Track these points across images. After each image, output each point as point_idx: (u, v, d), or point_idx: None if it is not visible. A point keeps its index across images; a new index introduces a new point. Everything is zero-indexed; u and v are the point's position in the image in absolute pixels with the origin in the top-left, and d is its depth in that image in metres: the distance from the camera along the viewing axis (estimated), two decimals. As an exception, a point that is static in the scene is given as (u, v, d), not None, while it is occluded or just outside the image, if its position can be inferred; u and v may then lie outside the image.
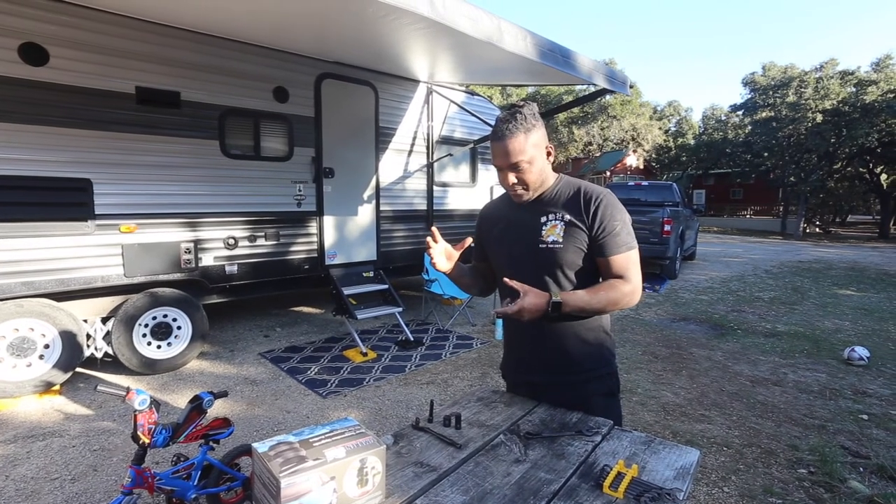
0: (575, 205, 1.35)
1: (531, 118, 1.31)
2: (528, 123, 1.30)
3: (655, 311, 6.14)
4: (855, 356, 4.19)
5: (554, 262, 1.35)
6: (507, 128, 1.29)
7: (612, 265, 1.33)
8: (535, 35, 3.40)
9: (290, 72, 4.32)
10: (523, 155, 1.30)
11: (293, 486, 0.84)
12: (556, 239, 1.34)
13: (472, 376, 3.80)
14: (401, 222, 5.42)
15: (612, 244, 1.31)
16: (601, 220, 1.31)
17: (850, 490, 2.33)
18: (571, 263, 1.35)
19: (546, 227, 1.36)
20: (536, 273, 1.38)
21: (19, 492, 2.25)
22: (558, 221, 1.35)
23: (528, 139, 1.29)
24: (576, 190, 1.38)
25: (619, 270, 1.32)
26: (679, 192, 9.36)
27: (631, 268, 1.33)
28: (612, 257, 1.32)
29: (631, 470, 1.05)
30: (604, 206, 1.32)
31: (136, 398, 1.72)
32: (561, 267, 1.35)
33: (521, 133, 1.29)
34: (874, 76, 20.13)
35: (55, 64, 3.18)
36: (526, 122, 1.29)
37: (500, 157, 1.32)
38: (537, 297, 1.24)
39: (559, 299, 1.24)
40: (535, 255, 1.37)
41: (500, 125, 1.31)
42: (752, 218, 29.65)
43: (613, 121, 29.26)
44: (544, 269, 1.37)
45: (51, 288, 3.26)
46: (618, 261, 1.32)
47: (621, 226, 1.32)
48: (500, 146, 1.30)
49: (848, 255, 13.29)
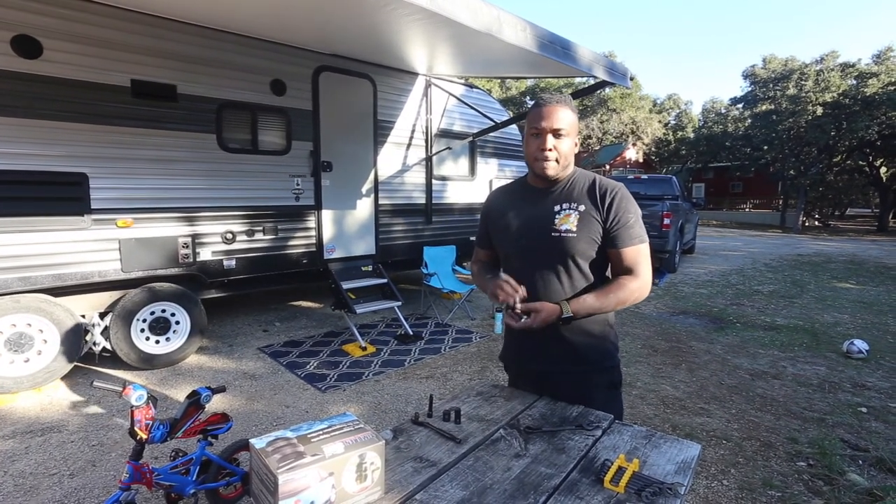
0: (590, 196, 1.36)
1: (573, 105, 1.39)
2: (572, 105, 1.38)
3: (655, 304, 6.14)
4: (854, 349, 4.20)
5: (566, 250, 1.35)
6: (556, 98, 1.35)
7: (624, 257, 1.34)
8: (534, 26, 3.37)
9: (287, 64, 4.28)
10: (565, 124, 1.33)
11: (291, 482, 0.83)
12: (570, 228, 1.34)
13: (472, 370, 3.80)
14: (399, 216, 5.39)
15: (625, 236, 1.33)
16: (616, 211, 1.33)
17: (850, 483, 2.33)
18: (584, 253, 1.35)
19: (560, 216, 1.37)
20: (547, 261, 1.38)
21: (18, 487, 2.25)
22: (573, 211, 1.36)
23: (571, 114, 1.35)
24: (591, 182, 1.40)
25: (630, 263, 1.34)
26: (678, 185, 9.33)
27: (641, 261, 1.35)
28: (623, 249, 1.34)
29: (632, 464, 1.04)
30: (619, 198, 1.35)
31: (133, 394, 1.70)
32: (573, 256, 1.35)
33: (567, 106, 1.35)
34: (875, 68, 20.07)
35: (49, 56, 3.14)
36: (571, 103, 1.37)
37: (545, 119, 1.32)
38: (549, 315, 1.28)
39: (570, 314, 1.29)
40: (548, 242, 1.36)
41: (545, 96, 1.36)
42: (751, 211, 29.63)
43: (613, 114, 29.17)
44: (556, 258, 1.37)
45: (48, 283, 3.24)
46: (629, 253, 1.34)
47: (635, 218, 1.35)
48: (548, 109, 1.32)
49: (847, 249, 13.30)
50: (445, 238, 5.84)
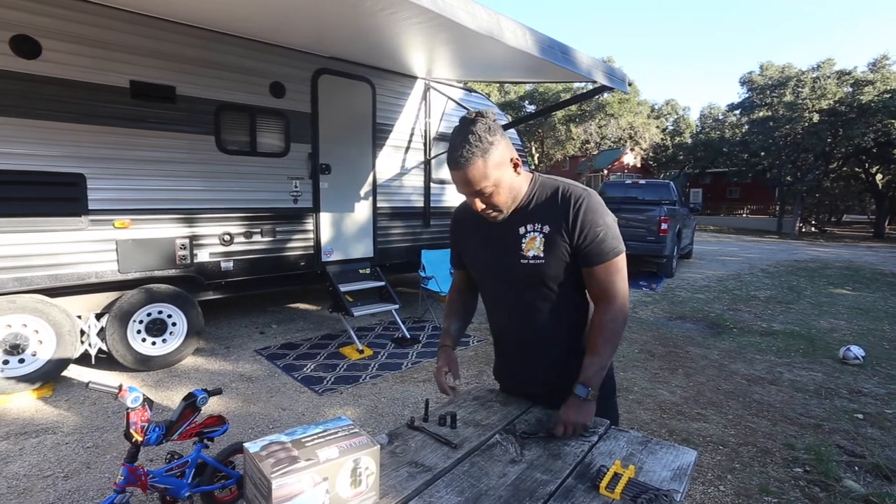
0: (553, 211, 1.26)
1: (486, 136, 1.15)
2: (483, 144, 1.14)
3: (652, 309, 6.15)
4: (850, 355, 4.20)
5: (537, 278, 1.28)
6: (462, 154, 1.15)
7: (597, 276, 1.25)
8: (534, 31, 3.39)
9: (286, 67, 4.29)
10: (486, 181, 1.17)
11: (284, 486, 0.83)
12: (537, 253, 1.26)
13: (469, 374, 3.79)
14: (398, 219, 5.40)
15: (596, 252, 1.23)
16: (582, 227, 1.22)
17: (846, 489, 2.34)
18: (555, 277, 1.28)
19: (525, 240, 1.27)
20: (522, 289, 1.33)
21: (12, 489, 2.23)
22: (537, 234, 1.26)
23: (487, 163, 1.15)
24: (553, 193, 1.27)
25: (604, 282, 1.25)
26: (676, 190, 9.36)
27: (617, 279, 1.25)
28: (596, 268, 1.24)
29: (628, 471, 1.04)
30: (584, 210, 1.22)
31: (129, 395, 1.70)
32: (545, 283, 1.29)
33: (478, 158, 1.14)
34: (871, 76, 20.18)
35: (48, 57, 3.13)
36: (482, 144, 1.14)
37: (462, 186, 1.21)
38: (576, 414, 1.23)
39: (590, 396, 1.24)
40: (518, 269, 1.29)
41: (453, 151, 1.17)
42: (748, 217, 29.75)
43: (611, 119, 29.26)
44: (529, 286, 1.31)
45: (44, 284, 3.23)
46: (603, 271, 1.25)
47: (605, 231, 1.23)
48: (459, 176, 1.18)
49: (843, 255, 13.34)
50: (443, 241, 5.83)
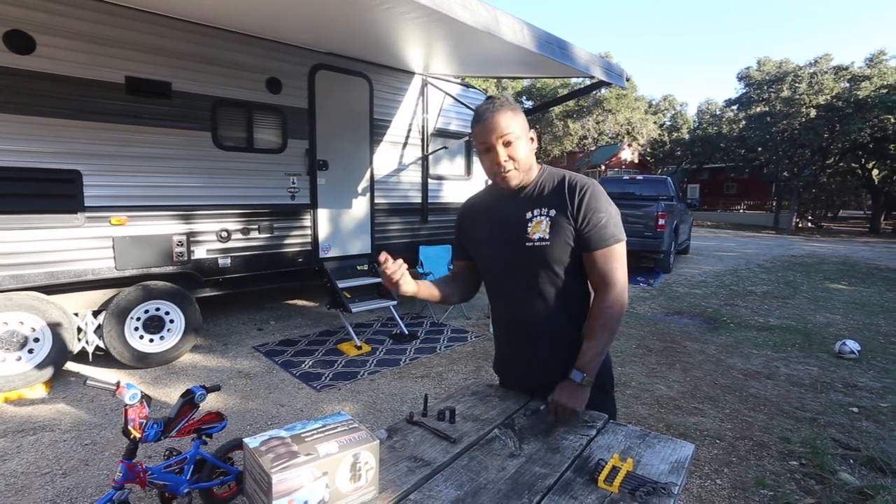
0: (560, 197, 1.31)
1: (513, 102, 1.31)
2: (512, 104, 1.30)
3: (649, 304, 6.17)
4: (846, 349, 4.23)
5: (542, 260, 1.32)
6: (493, 106, 1.28)
7: (596, 261, 1.30)
8: (531, 26, 3.38)
9: (283, 62, 4.26)
10: (513, 127, 1.26)
11: (284, 481, 0.83)
12: (543, 236, 1.30)
13: (467, 370, 3.80)
14: (395, 215, 5.39)
15: (597, 238, 1.28)
16: (586, 212, 1.28)
17: (841, 482, 2.35)
18: (559, 260, 1.32)
19: (532, 224, 1.32)
20: (525, 273, 1.35)
21: (9, 486, 2.23)
22: (544, 217, 1.31)
23: (514, 114, 1.28)
24: (560, 180, 1.34)
25: (604, 268, 1.29)
26: (673, 186, 9.37)
27: (616, 265, 1.30)
28: (597, 252, 1.29)
29: (626, 464, 1.04)
30: (588, 197, 1.29)
31: (127, 392, 1.69)
32: (549, 265, 1.32)
33: (509, 109, 1.28)
34: (868, 72, 20.24)
35: (42, 52, 3.11)
36: (510, 103, 1.29)
37: (489, 133, 1.26)
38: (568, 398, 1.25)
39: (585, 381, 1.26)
40: (523, 253, 1.33)
41: (483, 107, 1.30)
42: (745, 212, 29.81)
43: (609, 115, 29.26)
44: (533, 269, 1.34)
45: (40, 281, 3.22)
46: (602, 256, 1.29)
47: (607, 218, 1.28)
48: (489, 122, 1.26)
49: (839, 250, 13.40)
50: (441, 237, 5.83)
